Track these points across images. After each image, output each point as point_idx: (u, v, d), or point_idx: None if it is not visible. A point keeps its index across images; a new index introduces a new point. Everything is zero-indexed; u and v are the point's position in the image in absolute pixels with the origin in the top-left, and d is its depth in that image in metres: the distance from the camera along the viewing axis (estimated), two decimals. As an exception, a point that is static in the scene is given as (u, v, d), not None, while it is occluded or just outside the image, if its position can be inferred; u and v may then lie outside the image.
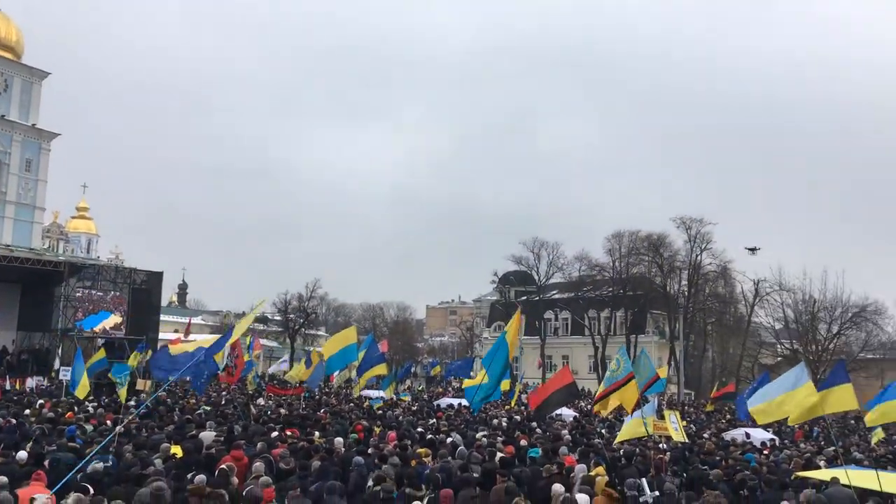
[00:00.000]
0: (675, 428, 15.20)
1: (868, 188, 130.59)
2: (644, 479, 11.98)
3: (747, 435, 23.27)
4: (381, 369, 25.80)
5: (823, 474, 13.93)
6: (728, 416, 34.36)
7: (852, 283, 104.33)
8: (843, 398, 12.02)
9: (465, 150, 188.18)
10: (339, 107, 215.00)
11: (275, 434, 15.67)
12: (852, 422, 35.81)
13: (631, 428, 15.12)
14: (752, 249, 50.19)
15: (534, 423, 21.55)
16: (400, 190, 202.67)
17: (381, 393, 29.36)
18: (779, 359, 56.74)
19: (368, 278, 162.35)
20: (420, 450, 14.10)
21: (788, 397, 13.28)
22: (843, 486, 12.31)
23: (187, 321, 63.57)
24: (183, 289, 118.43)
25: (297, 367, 30.35)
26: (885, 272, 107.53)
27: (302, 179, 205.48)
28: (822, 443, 25.20)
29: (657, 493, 11.58)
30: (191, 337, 40.72)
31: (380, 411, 24.78)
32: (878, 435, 24.64)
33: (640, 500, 11.22)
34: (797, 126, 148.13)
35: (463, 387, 28.13)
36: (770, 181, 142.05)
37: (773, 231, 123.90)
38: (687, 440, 17.90)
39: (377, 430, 18.44)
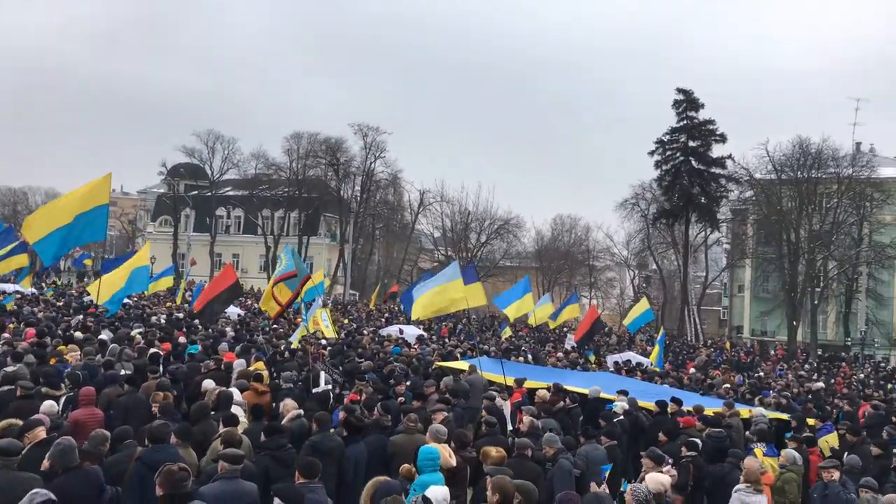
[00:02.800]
0: (325, 325, 16.08)
1: (519, 113, 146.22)
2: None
3: (401, 331, 25.31)
4: (19, 261, 22.82)
5: (461, 364, 15.87)
6: (386, 315, 37.00)
7: (500, 199, 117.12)
8: (476, 295, 14.05)
9: (128, 30, 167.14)
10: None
11: None
12: (486, 321, 40.98)
13: (301, 330, 15.80)
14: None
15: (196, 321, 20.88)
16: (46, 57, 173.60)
17: (17, 287, 26.05)
18: (435, 264, 62.29)
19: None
20: (61, 347, 12.86)
21: (442, 289, 15.31)
22: (478, 374, 14.29)
23: None
24: None
25: None
26: (526, 190, 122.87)
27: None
28: (462, 338, 28.52)
29: (328, 385, 12.16)
30: None
31: (15, 307, 21.99)
32: (507, 332, 28.53)
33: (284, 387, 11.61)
34: (477, 50, 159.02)
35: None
36: (444, 100, 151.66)
37: (443, 144, 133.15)
38: (339, 336, 19.07)
39: (10, 326, 16.42)
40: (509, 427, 11.74)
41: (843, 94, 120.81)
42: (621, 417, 11.93)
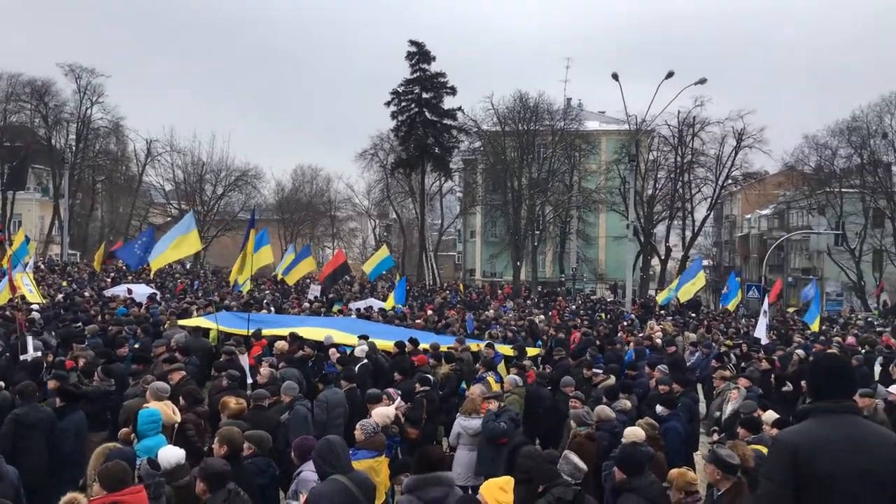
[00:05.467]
0: (29, 290, 14.71)
1: (255, 62, 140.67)
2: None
3: (129, 291, 23.49)
4: None
5: (200, 322, 15.29)
6: (113, 275, 34.11)
7: (237, 149, 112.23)
8: (193, 244, 14.30)
9: None
10: None
11: None
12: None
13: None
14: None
15: None
16: None
17: None
18: (168, 219, 58.35)
19: None
20: None
21: (181, 240, 14.97)
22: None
23: None
24: None
25: None
26: (264, 140, 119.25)
27: None
28: (200, 294, 27.28)
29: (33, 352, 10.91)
30: None
31: None
32: (247, 286, 27.64)
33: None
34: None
35: None
36: (173, 45, 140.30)
37: (173, 91, 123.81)
38: (47, 300, 17.57)
39: None
40: (249, 380, 11.50)
41: (556, 54, 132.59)
42: (365, 361, 12.24)
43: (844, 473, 3.56)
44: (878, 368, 15.39)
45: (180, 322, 15.41)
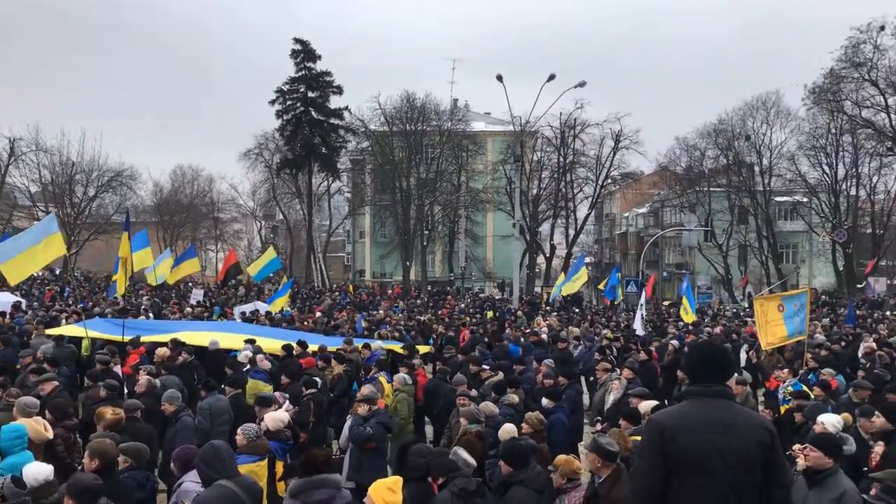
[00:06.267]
0: None
1: (130, 58, 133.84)
2: None
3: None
4: None
5: (69, 330, 14.39)
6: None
7: (110, 149, 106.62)
8: (55, 249, 13.40)
9: None
10: None
11: None
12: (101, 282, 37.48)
13: None
14: None
15: None
16: None
17: None
18: (35, 221, 54.56)
19: None
20: None
21: (41, 246, 13.95)
22: None
23: None
24: None
25: None
26: (140, 140, 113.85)
27: None
28: (70, 301, 25.73)
29: None
30: None
31: None
32: (120, 290, 26.18)
33: None
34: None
35: None
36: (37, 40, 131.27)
37: (38, 87, 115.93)
38: None
39: None
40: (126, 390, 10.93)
41: (443, 55, 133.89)
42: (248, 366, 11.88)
43: (708, 452, 3.77)
44: (743, 356, 16.47)
45: (48, 331, 14.48)
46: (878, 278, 47.97)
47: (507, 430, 7.54)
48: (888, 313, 29.65)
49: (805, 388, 10.42)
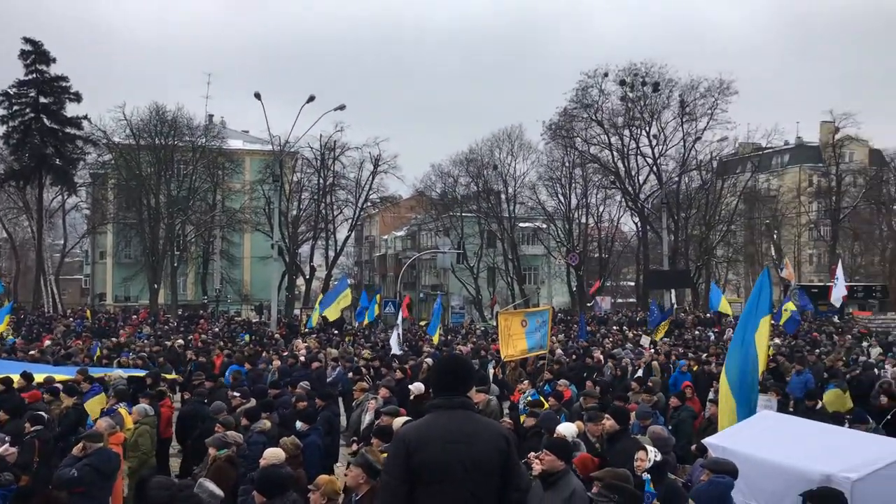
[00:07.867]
0: None
1: None
2: None
3: None
4: None
5: None
6: None
7: None
8: None
9: None
10: None
11: None
12: None
13: None
14: None
15: None
16: None
17: None
18: None
19: None
20: None
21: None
22: None
23: None
24: None
25: None
26: None
27: None
28: None
29: None
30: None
31: None
32: None
33: None
34: None
35: None
36: None
37: None
38: None
39: None
40: None
41: (198, 68, 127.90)
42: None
43: (449, 462, 3.94)
44: (490, 371, 17.59)
45: None
46: (604, 297, 53.89)
47: (273, 454, 6.96)
48: (613, 328, 33.28)
49: (541, 397, 11.30)
